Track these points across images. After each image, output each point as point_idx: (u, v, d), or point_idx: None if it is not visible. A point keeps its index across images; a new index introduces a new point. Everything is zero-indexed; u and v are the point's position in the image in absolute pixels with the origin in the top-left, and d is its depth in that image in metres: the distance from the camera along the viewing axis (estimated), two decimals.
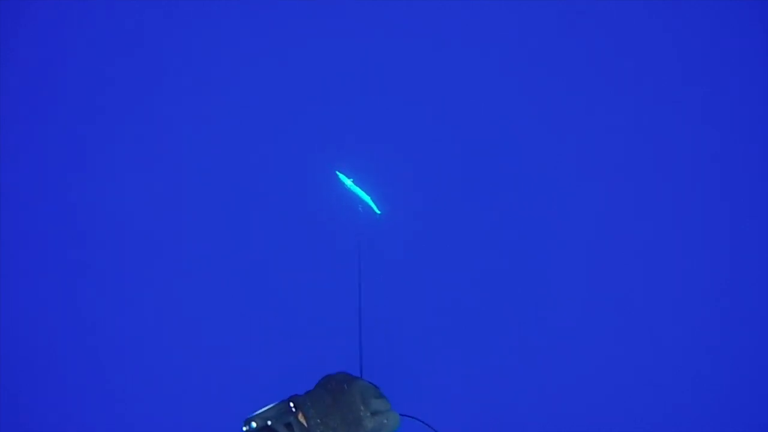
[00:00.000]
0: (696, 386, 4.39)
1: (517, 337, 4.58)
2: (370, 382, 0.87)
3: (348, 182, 4.33)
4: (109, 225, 4.69)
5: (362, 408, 0.78)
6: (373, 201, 4.33)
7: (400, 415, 0.85)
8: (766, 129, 4.52)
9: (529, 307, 4.64)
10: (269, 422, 0.74)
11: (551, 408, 4.43)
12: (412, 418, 0.97)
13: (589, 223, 4.66)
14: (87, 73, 4.75)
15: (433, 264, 4.69)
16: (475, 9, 4.71)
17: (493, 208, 4.78)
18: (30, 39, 4.71)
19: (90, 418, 4.49)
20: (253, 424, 0.74)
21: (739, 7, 4.48)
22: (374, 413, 0.79)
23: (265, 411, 0.77)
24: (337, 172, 4.37)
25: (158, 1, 4.74)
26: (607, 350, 4.51)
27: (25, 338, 4.52)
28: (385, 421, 0.80)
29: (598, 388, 4.43)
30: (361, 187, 4.35)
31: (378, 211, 4.34)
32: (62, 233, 4.60)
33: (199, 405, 4.44)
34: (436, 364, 4.55)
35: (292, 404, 0.77)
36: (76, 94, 4.72)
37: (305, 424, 0.75)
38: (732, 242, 4.51)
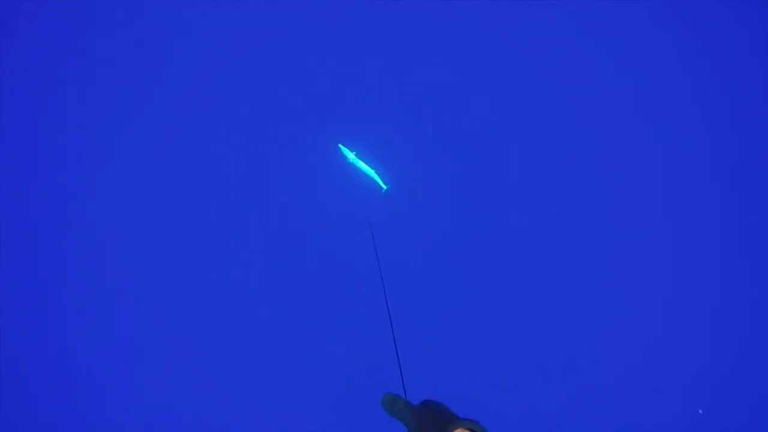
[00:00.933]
0: (697, 386, 4.39)
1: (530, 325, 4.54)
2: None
3: (351, 156, 4.04)
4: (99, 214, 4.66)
5: None
6: (378, 176, 4.07)
7: None
8: (765, 129, 4.52)
9: (544, 292, 4.60)
10: None
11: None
12: None
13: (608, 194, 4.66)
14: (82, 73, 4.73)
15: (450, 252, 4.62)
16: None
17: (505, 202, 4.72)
18: (29, 39, 4.69)
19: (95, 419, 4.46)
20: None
21: (738, 7, 4.47)
22: None
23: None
24: (340, 146, 4.07)
25: None
26: (609, 352, 4.50)
27: (24, 338, 4.50)
28: None
29: (600, 389, 4.42)
30: (365, 161, 4.05)
31: (384, 186, 4.07)
32: (64, 232, 4.59)
33: (198, 404, 4.41)
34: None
35: None
36: (76, 94, 4.70)
37: None
38: (732, 242, 4.51)
